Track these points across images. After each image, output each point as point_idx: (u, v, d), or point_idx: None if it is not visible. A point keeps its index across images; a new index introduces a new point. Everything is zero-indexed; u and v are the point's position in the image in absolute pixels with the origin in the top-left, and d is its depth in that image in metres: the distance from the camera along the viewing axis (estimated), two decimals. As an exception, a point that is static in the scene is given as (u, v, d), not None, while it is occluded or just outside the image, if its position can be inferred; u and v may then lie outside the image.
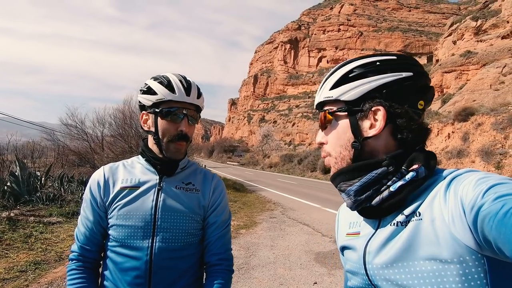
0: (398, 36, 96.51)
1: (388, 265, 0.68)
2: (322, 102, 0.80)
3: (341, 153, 0.77)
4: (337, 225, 0.95)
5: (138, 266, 1.08)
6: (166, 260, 1.10)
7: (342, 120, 0.77)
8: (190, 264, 1.16)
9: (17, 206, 6.26)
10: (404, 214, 0.68)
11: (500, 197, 0.52)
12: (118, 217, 1.10)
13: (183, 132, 1.12)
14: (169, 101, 1.11)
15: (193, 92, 1.14)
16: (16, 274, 3.69)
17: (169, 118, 1.11)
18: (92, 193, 1.15)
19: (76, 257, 1.14)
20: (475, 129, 16.35)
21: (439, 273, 0.60)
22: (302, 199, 11.90)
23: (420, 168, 0.68)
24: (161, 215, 1.11)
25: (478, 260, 0.57)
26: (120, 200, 1.11)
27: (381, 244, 0.70)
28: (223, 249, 1.20)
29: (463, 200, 0.58)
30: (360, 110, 0.74)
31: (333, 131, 0.78)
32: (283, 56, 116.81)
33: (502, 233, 0.49)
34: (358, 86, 0.74)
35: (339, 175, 0.77)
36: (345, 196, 0.76)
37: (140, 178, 1.15)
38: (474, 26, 35.82)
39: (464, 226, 0.58)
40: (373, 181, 0.71)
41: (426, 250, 0.62)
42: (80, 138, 14.25)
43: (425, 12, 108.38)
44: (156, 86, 1.11)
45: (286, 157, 36.35)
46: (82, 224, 1.16)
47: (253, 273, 4.26)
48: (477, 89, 26.28)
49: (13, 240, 4.68)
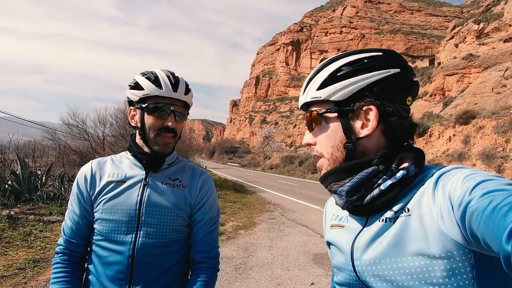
0: (400, 39, 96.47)
1: (377, 261, 0.68)
2: (308, 102, 0.78)
3: (333, 154, 0.75)
4: (324, 219, 0.94)
5: (121, 260, 1.07)
6: (149, 256, 1.09)
7: (332, 121, 0.75)
8: (174, 261, 1.14)
9: (17, 204, 6.29)
10: (393, 210, 0.68)
11: (488, 193, 0.53)
12: (103, 211, 1.10)
13: (169, 127, 1.11)
14: (156, 97, 1.10)
15: (181, 88, 1.13)
16: (15, 272, 3.71)
17: (156, 113, 1.10)
18: (79, 187, 1.14)
19: (62, 251, 1.14)
20: (476, 132, 16.32)
21: (426, 268, 0.60)
22: (302, 200, 11.90)
23: (410, 166, 0.68)
24: (145, 210, 1.10)
25: (465, 255, 0.58)
26: (106, 194, 1.11)
27: (369, 240, 0.70)
28: (209, 247, 1.18)
29: (451, 196, 0.59)
30: (350, 110, 0.72)
31: (323, 132, 0.76)
32: (285, 58, 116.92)
33: (490, 228, 0.49)
34: (347, 86, 0.72)
35: (329, 176, 0.75)
36: (337, 197, 0.75)
37: (126, 173, 1.15)
38: (476, 29, 35.77)
39: (452, 222, 0.58)
40: (364, 181, 0.70)
41: (415, 246, 0.62)
42: (81, 137, 14.31)
43: (428, 15, 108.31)
44: (143, 81, 1.11)
45: (287, 158, 36.34)
46: (69, 218, 1.15)
47: (251, 273, 4.27)
48: (478, 92, 26.23)
49: (12, 238, 4.71)
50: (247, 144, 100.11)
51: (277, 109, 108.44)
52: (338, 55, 0.77)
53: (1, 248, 4.31)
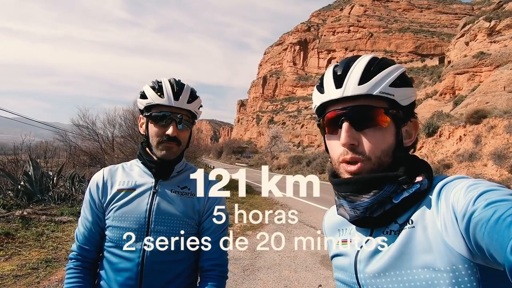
0: (409, 37, 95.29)
1: (381, 273, 0.67)
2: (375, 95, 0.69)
3: (381, 159, 0.69)
4: (325, 232, 0.92)
5: (130, 267, 1.09)
6: (158, 263, 1.10)
7: (390, 124, 0.70)
8: (182, 268, 1.16)
9: (30, 205, 6.42)
10: (398, 223, 0.68)
11: (491, 204, 0.53)
12: (114, 219, 1.12)
13: (170, 136, 1.12)
14: (158, 105, 1.12)
15: (183, 96, 1.14)
16: (28, 271, 3.80)
17: (158, 122, 1.13)
18: (91, 194, 1.17)
19: (75, 257, 1.17)
20: (487, 132, 16.03)
21: (431, 281, 0.60)
22: (310, 201, 11.86)
23: (424, 180, 0.67)
24: (154, 218, 1.11)
25: (470, 268, 0.57)
26: (117, 201, 1.13)
27: (373, 252, 0.69)
28: (217, 255, 1.18)
29: (455, 207, 0.59)
30: (406, 118, 0.72)
31: (379, 133, 0.69)
32: (293, 58, 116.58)
33: (494, 239, 0.49)
34: (411, 94, 0.72)
35: (356, 183, 0.69)
36: (349, 208, 0.71)
37: (137, 180, 1.17)
38: (487, 26, 35.12)
39: (456, 233, 0.58)
40: (385, 198, 0.67)
41: (419, 258, 0.62)
42: (91, 138, 14.51)
43: (437, 13, 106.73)
44: (148, 90, 1.14)
45: (295, 158, 36.24)
46: (82, 224, 1.19)
47: (258, 275, 4.28)
48: (490, 91, 25.75)
49: (25, 238, 4.82)
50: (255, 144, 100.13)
51: (284, 109, 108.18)
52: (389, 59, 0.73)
53: (15, 248, 4.42)
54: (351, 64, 0.71)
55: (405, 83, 0.71)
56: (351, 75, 0.70)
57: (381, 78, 0.68)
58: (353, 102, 0.70)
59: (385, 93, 0.68)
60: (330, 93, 0.72)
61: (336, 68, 0.74)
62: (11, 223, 5.25)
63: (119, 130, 14.45)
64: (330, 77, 0.73)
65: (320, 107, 0.77)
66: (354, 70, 0.70)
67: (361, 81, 0.69)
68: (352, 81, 0.69)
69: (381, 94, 0.68)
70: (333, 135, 0.74)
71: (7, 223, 5.22)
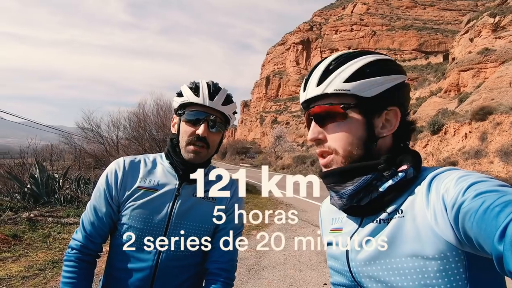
0: (412, 35, 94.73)
1: (371, 261, 0.68)
2: (328, 94, 0.71)
3: (350, 152, 0.71)
4: (321, 221, 0.95)
5: (143, 269, 1.07)
6: (172, 267, 1.09)
7: (356, 117, 0.71)
8: (195, 271, 1.14)
9: (36, 207, 6.49)
10: (387, 212, 0.69)
11: (480, 194, 0.54)
12: (131, 217, 1.07)
13: (200, 136, 1.08)
14: (192, 105, 1.11)
15: (219, 98, 1.11)
16: (35, 272, 3.84)
17: (189, 121, 1.10)
18: (108, 185, 1.10)
19: (78, 247, 1.10)
20: (493, 128, 15.88)
21: (420, 269, 0.61)
22: (315, 201, 11.83)
23: (409, 169, 0.69)
24: (174, 222, 1.08)
25: (458, 256, 0.59)
26: (135, 200, 1.08)
27: (363, 240, 0.71)
28: (226, 258, 1.13)
29: (445, 198, 0.60)
30: (376, 108, 0.72)
31: (341, 127, 0.71)
32: (295, 57, 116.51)
33: (482, 229, 0.50)
34: (378, 84, 0.71)
35: (333, 175, 0.73)
36: (336, 197, 0.74)
37: (159, 180, 1.12)
38: (492, 22, 34.80)
39: (445, 223, 0.59)
40: (367, 185, 0.70)
41: (408, 247, 0.63)
42: (96, 141, 14.64)
43: (441, 10, 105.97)
44: (184, 89, 1.13)
45: (299, 158, 36.17)
46: (92, 213, 1.11)
47: (263, 274, 4.29)
48: (495, 88, 25.50)
49: (32, 240, 4.87)
50: (259, 145, 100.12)
51: (288, 109, 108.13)
52: (361, 51, 0.75)
53: (22, 250, 4.47)
54: (316, 66, 0.76)
55: (367, 74, 0.70)
56: (312, 78, 0.74)
57: (335, 77, 0.71)
58: (315, 102, 0.74)
59: (339, 89, 0.70)
60: (301, 96, 0.78)
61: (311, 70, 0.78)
62: (18, 225, 5.30)
63: (123, 132, 14.56)
64: (304, 80, 0.79)
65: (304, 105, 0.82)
66: (315, 72, 0.75)
67: (318, 82, 0.73)
68: (312, 84, 0.74)
69: (336, 91, 0.71)
70: None
71: (15, 225, 5.28)
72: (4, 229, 4.97)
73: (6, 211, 5.77)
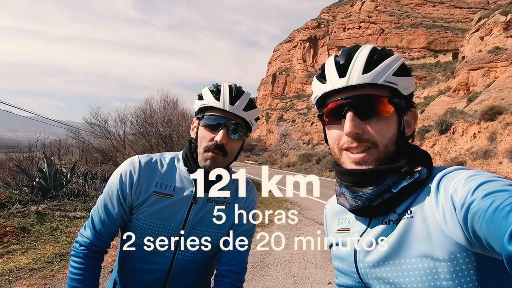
0: (421, 33, 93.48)
1: (380, 263, 0.67)
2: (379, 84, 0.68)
3: (387, 148, 0.69)
4: (325, 221, 0.93)
5: (157, 270, 1.08)
6: (184, 270, 1.10)
7: (393, 114, 0.69)
8: (205, 272, 1.16)
9: (44, 200, 6.58)
10: (397, 213, 0.68)
11: (490, 194, 0.53)
12: (145, 222, 1.05)
13: (218, 143, 1.03)
14: (213, 109, 1.06)
15: (240, 102, 1.06)
16: (43, 265, 3.90)
17: (208, 126, 1.06)
18: (122, 186, 1.07)
19: (87, 245, 1.08)
20: (503, 128, 15.64)
21: (430, 270, 0.60)
22: (320, 199, 11.80)
23: (423, 169, 0.67)
24: (189, 228, 1.08)
25: (468, 257, 0.58)
26: (150, 206, 1.06)
27: (372, 242, 0.70)
28: (236, 261, 1.11)
29: (454, 198, 0.59)
30: (406, 108, 0.72)
31: (384, 121, 0.69)
32: (302, 55, 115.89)
33: (492, 229, 0.50)
34: (412, 84, 0.71)
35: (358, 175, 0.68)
36: (351, 197, 0.71)
37: (176, 186, 1.09)
38: (503, 21, 34.13)
39: (455, 223, 0.58)
40: (386, 188, 0.68)
41: (418, 248, 0.62)
42: (103, 136, 14.80)
43: (451, 7, 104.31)
44: (205, 92, 1.09)
45: (304, 156, 36.09)
46: (103, 211, 1.08)
47: (268, 271, 4.29)
48: (506, 87, 25.06)
49: (40, 233, 4.95)
50: (264, 142, 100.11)
51: (294, 107, 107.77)
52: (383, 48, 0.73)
53: (31, 242, 4.55)
54: (353, 54, 0.71)
55: (406, 73, 0.70)
56: (355, 64, 0.68)
57: (384, 67, 0.68)
58: (358, 91, 0.69)
59: (389, 82, 0.68)
60: (333, 83, 0.71)
61: (337, 58, 0.73)
62: (27, 218, 5.39)
63: (130, 128, 14.69)
64: (332, 66, 0.72)
65: (321, 98, 0.76)
66: (357, 59, 0.69)
67: (365, 70, 0.67)
68: (356, 70, 0.68)
69: (385, 83, 0.67)
70: (334, 125, 0.73)
71: (23, 218, 5.37)
72: (13, 221, 5.06)
73: (15, 204, 5.86)
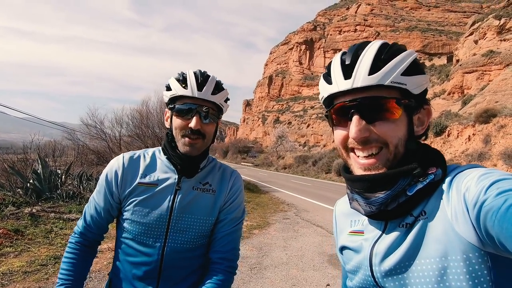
0: (416, 36, 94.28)
1: (397, 266, 0.66)
2: (386, 85, 0.65)
3: (397, 149, 0.66)
4: (335, 223, 0.90)
5: (149, 262, 1.09)
6: (177, 260, 1.10)
7: (402, 115, 0.66)
8: (201, 263, 1.16)
9: (39, 202, 6.48)
10: (413, 215, 0.66)
11: (503, 192, 0.52)
12: (133, 213, 1.09)
13: (193, 129, 1.07)
14: (182, 97, 1.09)
15: (207, 87, 1.08)
16: (37, 268, 3.83)
17: (181, 114, 1.09)
18: (108, 182, 1.13)
19: (78, 233, 1.18)
20: (497, 131, 15.80)
21: (444, 271, 0.59)
22: (316, 200, 11.80)
23: (437, 171, 0.66)
24: (176, 216, 1.09)
25: (481, 257, 0.57)
26: (137, 196, 1.10)
27: (389, 247, 0.68)
28: (228, 248, 1.15)
29: (466, 196, 0.58)
30: (418, 106, 0.69)
31: (391, 123, 0.66)
32: (298, 57, 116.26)
33: (504, 228, 0.49)
34: (426, 81, 0.68)
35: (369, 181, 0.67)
36: (364, 203, 0.69)
37: (159, 175, 1.13)
38: (497, 25, 34.55)
39: (467, 222, 0.57)
40: (399, 192, 0.66)
41: (432, 249, 0.61)
42: (99, 137, 14.65)
43: (445, 11, 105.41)
44: (172, 82, 1.11)
45: (301, 158, 36.13)
46: (93, 207, 1.16)
47: (266, 273, 4.26)
48: (500, 90, 25.33)
49: (34, 235, 4.87)
50: (260, 144, 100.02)
51: (290, 109, 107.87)
52: (401, 45, 0.70)
53: (24, 245, 4.47)
54: (360, 52, 0.67)
55: (418, 70, 0.67)
56: (361, 65, 0.66)
57: (392, 67, 0.64)
58: (363, 93, 0.66)
59: (397, 82, 0.64)
60: (338, 84, 0.68)
61: (344, 56, 0.70)
62: (21, 220, 5.30)
63: (126, 130, 14.58)
64: (338, 66, 0.69)
65: (328, 98, 0.73)
66: (363, 59, 0.66)
67: (371, 71, 0.65)
68: (361, 71, 0.65)
69: (393, 84, 0.64)
70: (342, 126, 0.71)
71: (17, 220, 5.28)
72: (6, 224, 4.97)
73: (9, 206, 5.77)
